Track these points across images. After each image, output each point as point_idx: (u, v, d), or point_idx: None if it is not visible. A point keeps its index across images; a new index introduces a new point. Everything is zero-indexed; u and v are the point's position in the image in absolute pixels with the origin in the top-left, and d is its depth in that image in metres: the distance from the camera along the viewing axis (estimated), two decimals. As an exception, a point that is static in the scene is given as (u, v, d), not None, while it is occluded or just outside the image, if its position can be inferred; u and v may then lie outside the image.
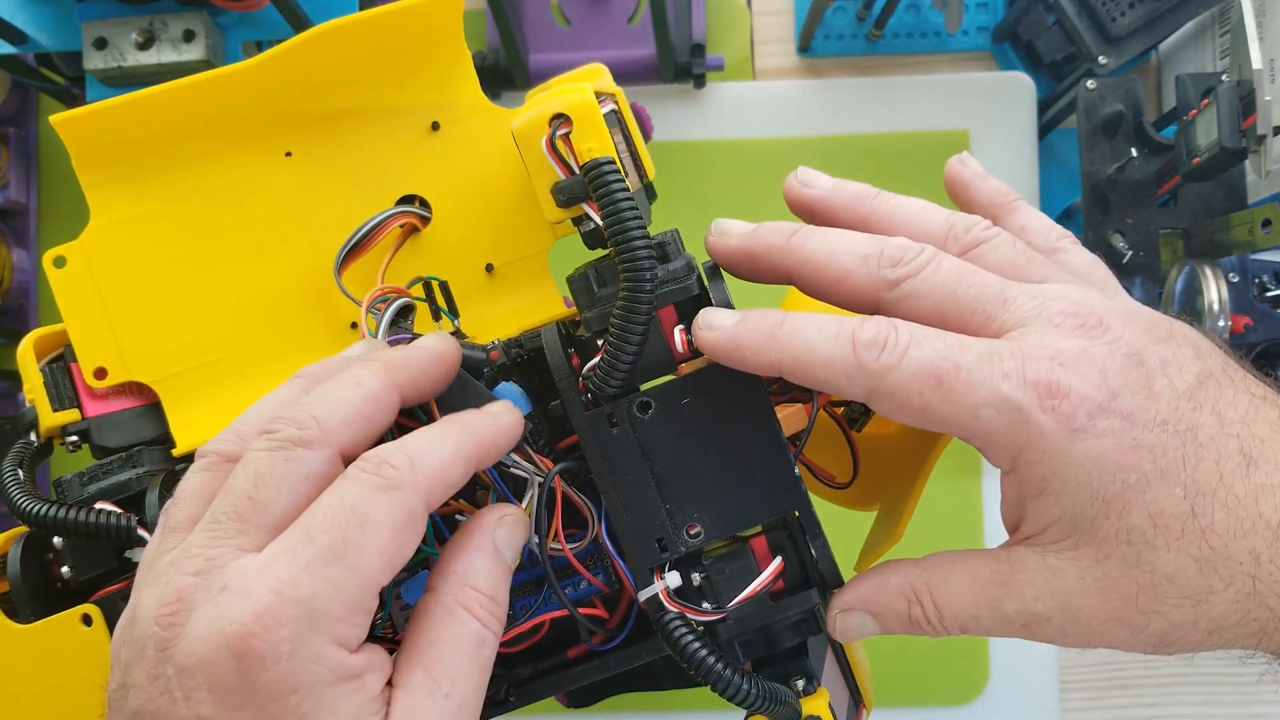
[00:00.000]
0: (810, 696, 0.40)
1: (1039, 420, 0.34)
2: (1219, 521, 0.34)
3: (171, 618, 0.31)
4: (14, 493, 0.42)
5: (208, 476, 0.35)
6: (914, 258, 0.37)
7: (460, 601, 0.34)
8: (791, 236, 0.38)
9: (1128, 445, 0.34)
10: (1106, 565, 0.34)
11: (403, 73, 0.44)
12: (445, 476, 0.34)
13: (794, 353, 0.36)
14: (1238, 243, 0.70)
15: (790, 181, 0.41)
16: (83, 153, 0.43)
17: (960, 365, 0.34)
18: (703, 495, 0.38)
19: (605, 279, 0.39)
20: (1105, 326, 0.35)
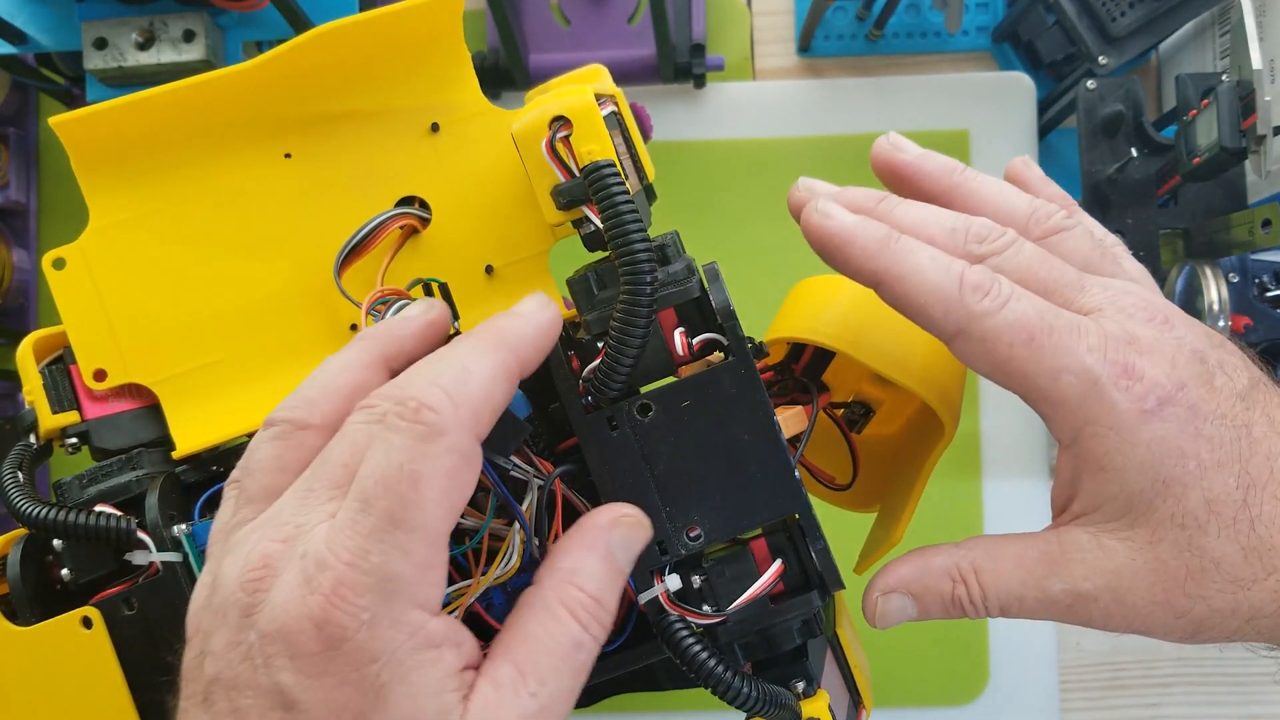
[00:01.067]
0: (810, 699, 0.40)
1: (1113, 396, 0.35)
2: (1267, 512, 0.35)
3: (257, 583, 0.31)
4: (13, 495, 0.42)
5: (281, 445, 0.35)
6: (999, 237, 0.38)
7: (562, 599, 0.34)
8: (880, 203, 0.39)
9: (1190, 433, 0.35)
10: (1159, 548, 0.36)
11: (403, 74, 0.44)
12: (490, 403, 0.33)
13: (903, 269, 0.37)
14: (1238, 243, 0.70)
15: (881, 144, 0.42)
16: (82, 154, 0.43)
17: (1054, 328, 0.36)
18: (703, 498, 0.38)
19: (605, 281, 0.39)
20: (1172, 324, 0.37)
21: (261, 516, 0.33)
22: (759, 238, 0.83)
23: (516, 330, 0.35)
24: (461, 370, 0.33)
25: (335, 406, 0.35)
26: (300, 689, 0.30)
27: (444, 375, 0.32)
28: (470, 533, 0.39)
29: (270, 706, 0.30)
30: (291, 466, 0.34)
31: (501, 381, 0.33)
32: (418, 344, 0.37)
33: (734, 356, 0.38)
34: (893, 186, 0.42)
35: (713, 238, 0.83)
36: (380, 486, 0.31)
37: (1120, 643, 0.83)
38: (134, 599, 0.41)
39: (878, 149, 0.42)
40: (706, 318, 0.39)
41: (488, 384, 0.33)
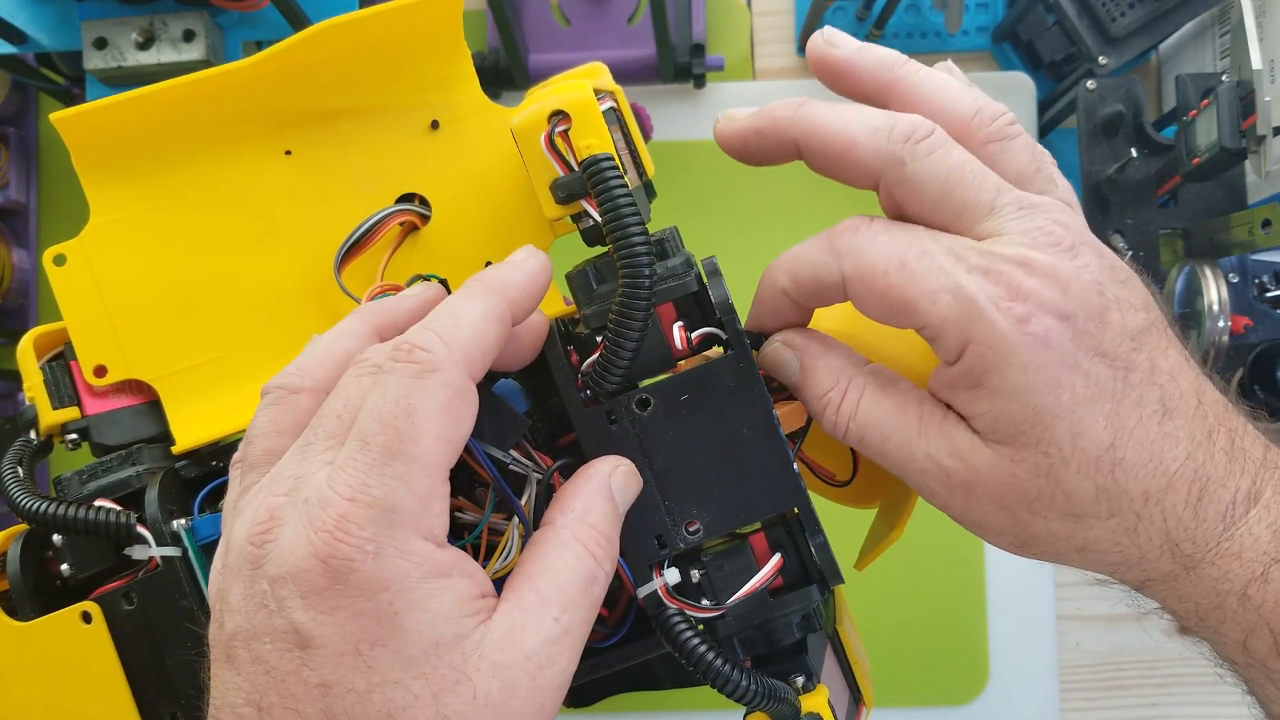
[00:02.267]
0: (810, 694, 0.40)
1: (992, 315, 0.34)
2: (1129, 457, 0.35)
3: (264, 535, 0.32)
4: (14, 490, 0.42)
5: (276, 411, 0.36)
6: (926, 135, 0.37)
7: (578, 536, 0.35)
8: (800, 106, 0.39)
9: (1069, 364, 0.35)
10: (1019, 466, 0.36)
11: (402, 71, 0.44)
12: (482, 343, 0.34)
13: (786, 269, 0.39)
14: (1238, 243, 0.70)
15: (815, 40, 0.40)
16: (83, 151, 0.43)
17: (926, 251, 0.35)
18: (702, 492, 0.38)
19: (604, 276, 0.39)
20: (1077, 251, 0.36)
21: (264, 478, 0.34)
22: (759, 237, 0.83)
23: (505, 276, 0.36)
24: (452, 314, 0.34)
25: (329, 371, 0.36)
26: (315, 625, 0.30)
27: (435, 320, 0.34)
28: (469, 527, 0.39)
29: (288, 647, 0.30)
30: (288, 429, 0.35)
31: (492, 323, 0.34)
32: (413, 319, 0.37)
33: (733, 351, 0.38)
34: (831, 87, 0.40)
35: (713, 237, 0.83)
36: (377, 424, 0.31)
37: (1120, 643, 0.83)
38: (134, 594, 0.42)
39: (812, 45, 0.40)
40: (705, 312, 0.39)
41: (478, 324, 0.34)
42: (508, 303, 0.35)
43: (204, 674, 0.34)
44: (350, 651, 0.30)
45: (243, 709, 0.31)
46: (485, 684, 0.31)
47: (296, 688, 0.30)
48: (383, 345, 0.34)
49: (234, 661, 0.32)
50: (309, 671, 0.30)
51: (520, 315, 0.36)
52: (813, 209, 0.83)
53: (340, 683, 0.30)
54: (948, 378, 0.37)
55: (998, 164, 0.38)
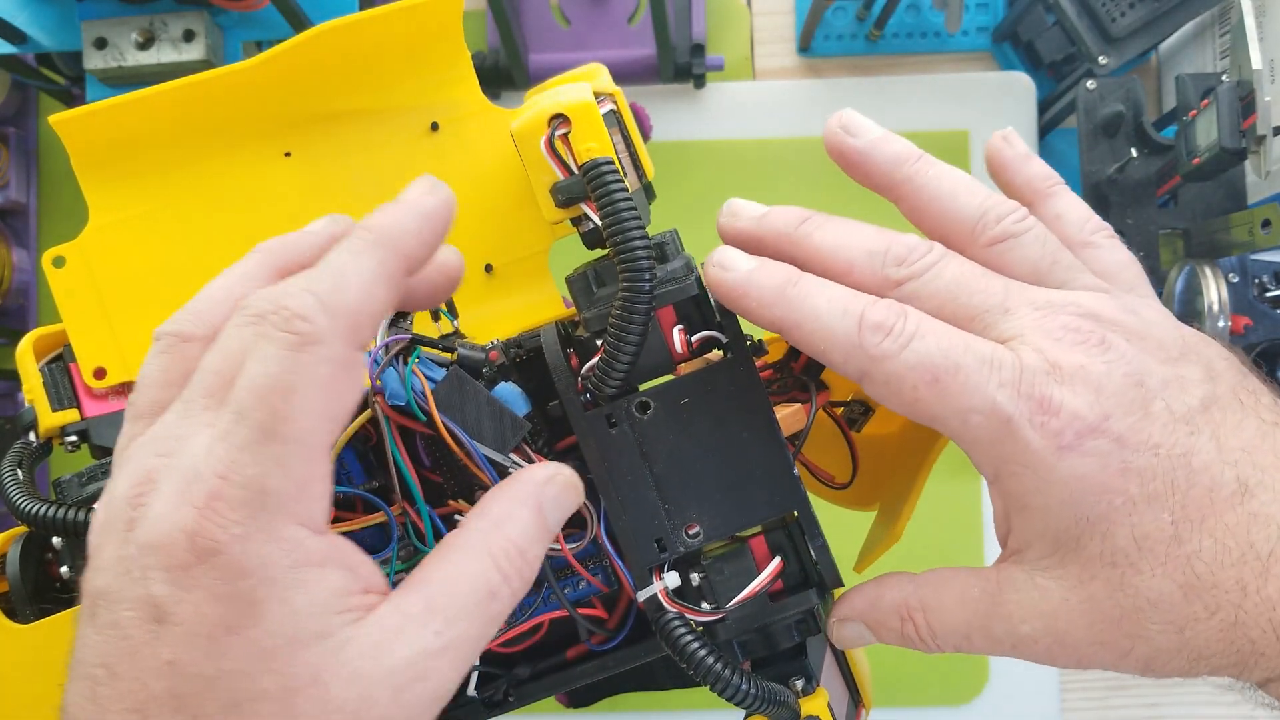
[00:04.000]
0: (809, 697, 0.40)
1: (1026, 434, 0.33)
2: (1205, 549, 0.33)
3: (139, 498, 0.30)
4: (13, 493, 0.42)
5: (167, 359, 0.34)
6: (919, 258, 0.36)
7: (487, 545, 0.33)
8: (800, 225, 0.38)
9: (1115, 467, 0.33)
10: (1091, 586, 0.34)
11: (402, 73, 0.44)
12: (368, 307, 0.31)
13: (799, 316, 0.35)
14: (1238, 243, 0.70)
15: (831, 126, 0.39)
16: (82, 153, 0.43)
17: (960, 366, 0.33)
18: (702, 495, 0.38)
19: (604, 279, 0.39)
20: (1107, 344, 0.34)
21: (148, 432, 0.32)
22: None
23: (397, 223, 0.33)
24: (337, 275, 0.31)
25: (222, 317, 0.33)
26: (172, 601, 0.29)
27: (318, 281, 0.31)
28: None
29: (145, 619, 0.29)
30: (177, 380, 0.33)
31: (381, 282, 0.32)
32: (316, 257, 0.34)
33: (733, 354, 0.38)
34: (846, 172, 0.40)
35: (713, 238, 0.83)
36: (254, 397, 0.29)
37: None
38: (133, 597, 0.41)
39: (828, 131, 0.39)
40: (705, 315, 0.39)
41: (366, 288, 0.31)
42: (400, 257, 0.32)
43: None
44: (204, 634, 0.29)
45: (95, 669, 0.30)
46: (341, 691, 0.29)
47: (147, 660, 0.29)
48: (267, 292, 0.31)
49: (95, 620, 0.30)
50: (161, 646, 0.29)
51: (416, 265, 0.33)
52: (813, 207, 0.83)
53: (189, 664, 0.29)
54: (1000, 505, 0.36)
55: (1006, 264, 0.36)
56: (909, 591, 0.37)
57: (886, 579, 0.39)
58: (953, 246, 0.37)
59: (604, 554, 0.40)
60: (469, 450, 0.37)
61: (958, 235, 0.37)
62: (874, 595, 0.38)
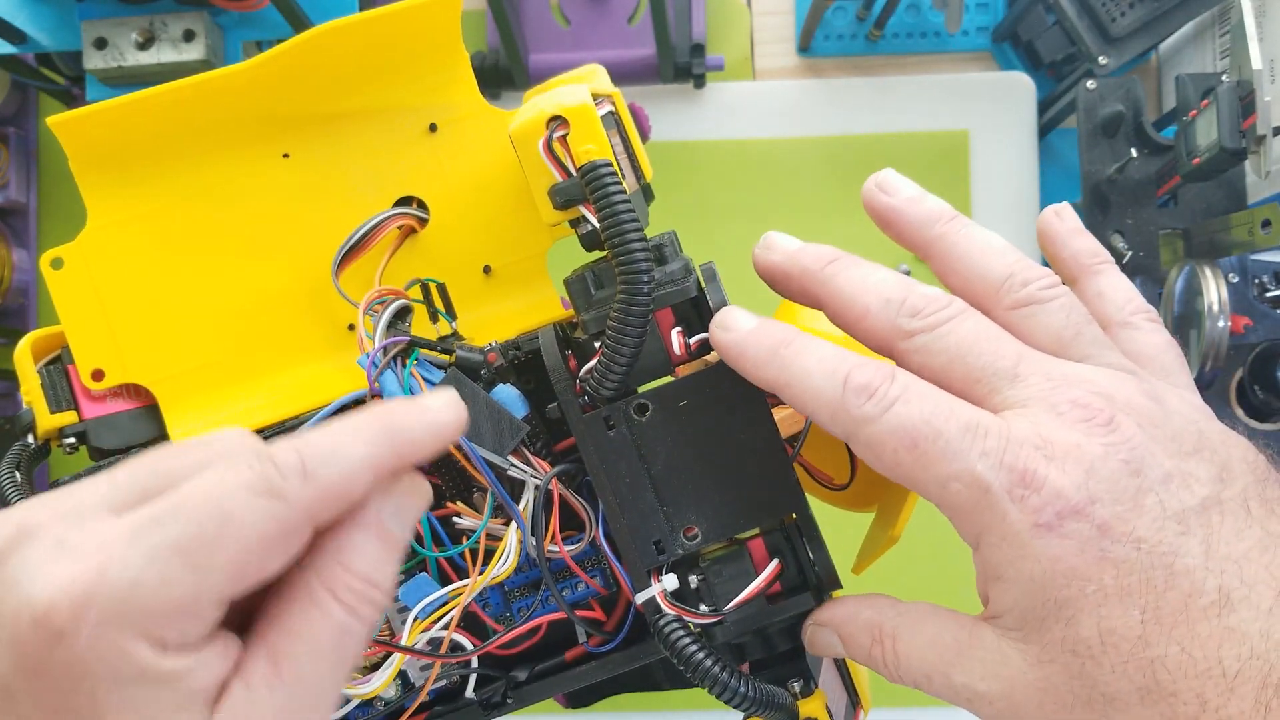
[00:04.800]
0: (807, 699, 0.40)
1: (1004, 506, 0.32)
2: (1170, 656, 0.32)
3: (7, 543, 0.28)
4: (11, 495, 0.42)
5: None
6: (934, 311, 0.35)
7: (325, 583, 0.30)
8: (827, 265, 0.37)
9: (1092, 554, 0.32)
10: (1049, 669, 0.33)
11: (401, 74, 0.44)
12: (345, 489, 0.30)
13: (789, 376, 0.35)
14: (1238, 243, 0.70)
15: (869, 185, 0.39)
16: (80, 154, 0.43)
17: (940, 432, 0.33)
18: (700, 497, 0.38)
19: (602, 281, 0.39)
20: (1113, 426, 0.33)
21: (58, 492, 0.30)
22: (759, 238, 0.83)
23: (407, 424, 0.32)
24: (330, 448, 0.30)
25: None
26: (16, 679, 0.27)
27: (310, 444, 0.30)
28: (468, 532, 0.39)
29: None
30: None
31: (366, 473, 0.30)
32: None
33: (731, 356, 0.38)
34: (882, 229, 0.40)
35: (712, 238, 0.83)
36: (189, 510, 0.28)
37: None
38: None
39: (866, 190, 0.39)
40: (704, 317, 0.39)
41: (349, 472, 0.30)
42: (395, 456, 0.31)
43: None
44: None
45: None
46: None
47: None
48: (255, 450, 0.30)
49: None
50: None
51: (405, 467, 0.32)
52: (813, 209, 0.83)
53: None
54: (979, 570, 0.35)
55: (1027, 329, 0.36)
56: (888, 616, 0.37)
57: (873, 598, 0.38)
58: (977, 306, 0.36)
59: (602, 556, 0.40)
60: (467, 452, 0.37)
61: (983, 295, 0.37)
62: (853, 609, 0.38)
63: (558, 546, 0.39)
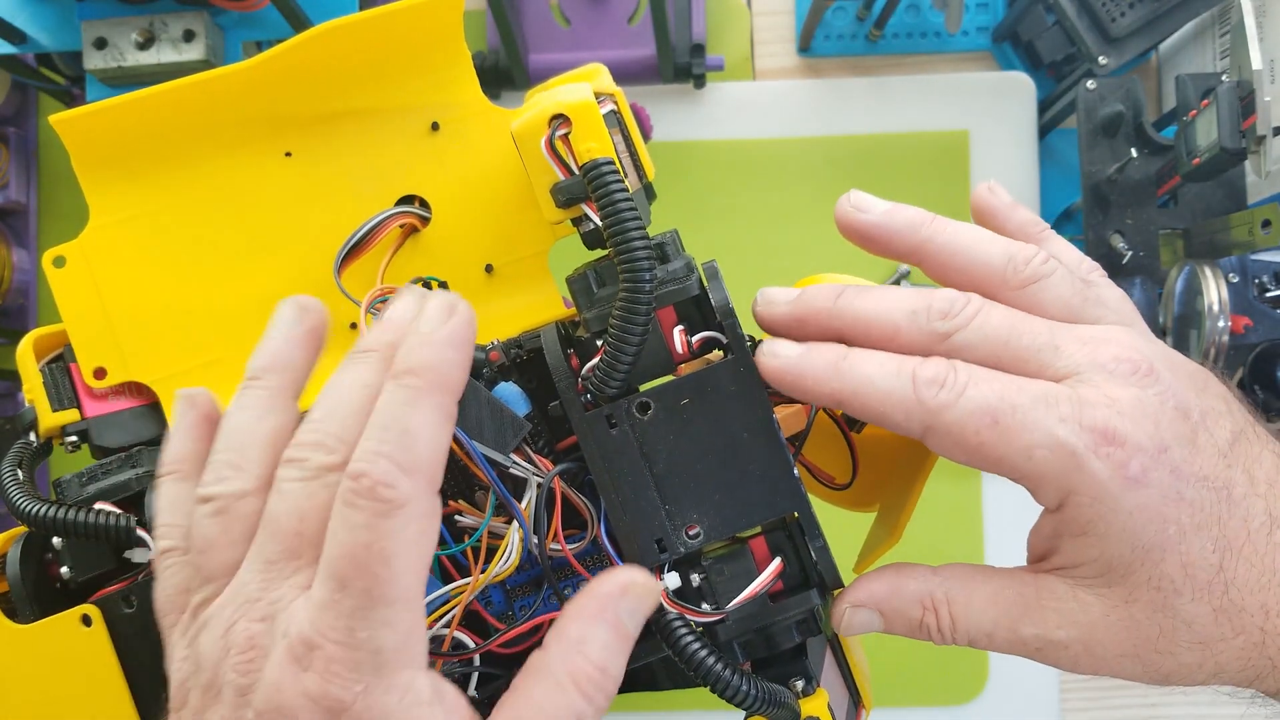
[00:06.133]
0: (809, 697, 0.40)
1: (1093, 465, 0.34)
2: (1240, 575, 0.35)
3: (247, 665, 0.32)
4: (13, 493, 0.42)
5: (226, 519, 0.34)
6: (961, 309, 0.37)
7: (568, 669, 0.34)
8: (838, 299, 0.38)
9: (1171, 497, 0.35)
10: (1133, 607, 0.36)
11: (402, 73, 0.44)
12: (439, 453, 0.33)
13: (854, 385, 0.36)
14: (1238, 243, 0.70)
15: (842, 205, 0.40)
16: (82, 153, 0.43)
17: (1017, 406, 0.35)
18: (702, 496, 0.38)
19: (605, 279, 0.39)
20: (1156, 375, 0.36)
21: (226, 593, 0.33)
22: (759, 237, 0.83)
23: (440, 361, 0.34)
24: (403, 434, 0.32)
25: (262, 463, 0.35)
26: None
27: (388, 444, 0.32)
28: (469, 530, 0.39)
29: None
30: (240, 538, 0.34)
31: (444, 426, 0.33)
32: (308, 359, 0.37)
33: (733, 354, 0.38)
34: (861, 246, 0.41)
35: (713, 238, 0.83)
36: (352, 566, 0.31)
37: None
38: (133, 596, 0.42)
39: (839, 211, 0.40)
40: (706, 316, 0.39)
41: (433, 440, 0.33)
42: (450, 394, 0.34)
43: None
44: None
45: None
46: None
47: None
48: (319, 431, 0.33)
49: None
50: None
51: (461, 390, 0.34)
52: (813, 209, 0.83)
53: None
54: (1050, 527, 0.37)
55: (1039, 303, 0.38)
56: (934, 583, 0.38)
57: (902, 569, 0.39)
58: (984, 294, 0.38)
59: (604, 554, 0.40)
60: (469, 450, 0.37)
61: (988, 283, 0.38)
62: (895, 583, 0.39)
63: (560, 545, 0.39)
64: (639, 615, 0.36)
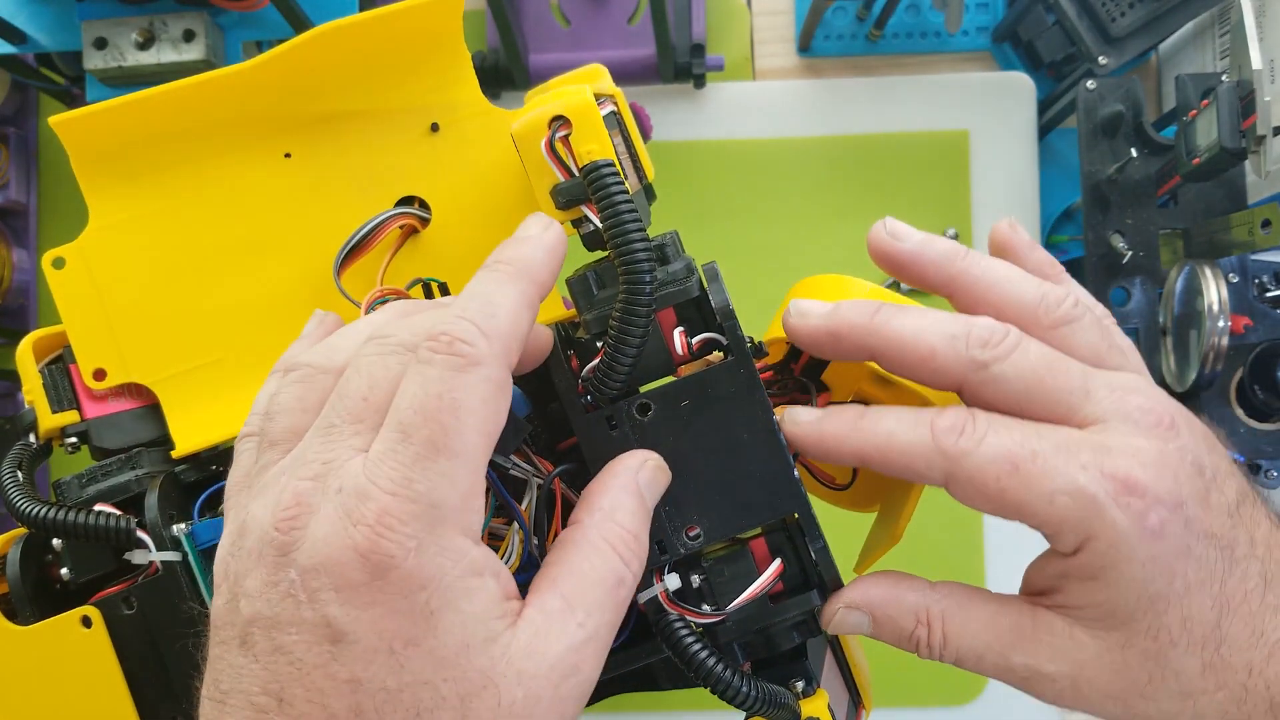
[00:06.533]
0: (810, 698, 0.40)
1: (1113, 513, 0.34)
2: (1233, 634, 0.36)
3: (292, 522, 0.31)
4: (13, 494, 0.42)
5: (303, 388, 0.35)
6: (1001, 339, 0.37)
7: (605, 536, 0.35)
8: (874, 315, 0.38)
9: (1182, 552, 0.35)
10: (1127, 652, 0.36)
11: (402, 74, 0.44)
12: (517, 331, 0.34)
13: (876, 442, 0.37)
14: (1238, 243, 0.70)
15: (878, 232, 0.40)
16: (82, 154, 0.43)
17: (1037, 452, 0.35)
18: (702, 497, 0.38)
19: (605, 281, 0.39)
20: (1178, 429, 0.36)
21: (286, 458, 0.33)
22: (759, 238, 0.83)
23: (530, 256, 0.35)
24: (487, 303, 0.33)
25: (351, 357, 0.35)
26: (349, 620, 0.30)
27: (471, 309, 0.33)
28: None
29: (317, 640, 0.30)
30: (313, 407, 0.34)
31: (525, 309, 0.34)
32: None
33: (733, 356, 0.38)
34: (893, 274, 0.41)
35: (713, 238, 0.83)
36: (420, 416, 0.31)
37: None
38: (133, 598, 0.42)
39: (874, 237, 0.40)
40: (706, 317, 0.39)
41: (514, 314, 0.34)
42: (536, 285, 0.35)
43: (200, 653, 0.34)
44: (384, 649, 0.30)
45: (259, 698, 0.31)
46: (510, 691, 0.31)
47: (324, 682, 0.30)
48: (408, 323, 0.34)
49: (251, 648, 0.31)
50: (338, 666, 0.30)
51: (545, 293, 0.36)
52: (813, 208, 0.83)
53: (372, 680, 0.30)
54: (1057, 567, 0.37)
55: (1069, 346, 0.38)
56: (932, 599, 0.39)
57: (902, 579, 0.39)
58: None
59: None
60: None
61: (1018, 319, 0.38)
62: (893, 592, 0.39)
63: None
64: (655, 489, 0.37)
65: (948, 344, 0.37)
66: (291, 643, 0.30)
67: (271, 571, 0.31)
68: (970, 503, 0.36)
